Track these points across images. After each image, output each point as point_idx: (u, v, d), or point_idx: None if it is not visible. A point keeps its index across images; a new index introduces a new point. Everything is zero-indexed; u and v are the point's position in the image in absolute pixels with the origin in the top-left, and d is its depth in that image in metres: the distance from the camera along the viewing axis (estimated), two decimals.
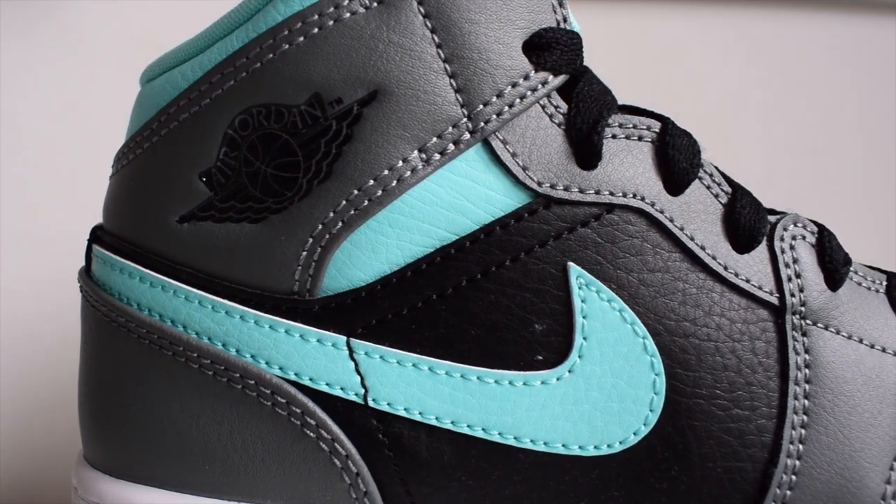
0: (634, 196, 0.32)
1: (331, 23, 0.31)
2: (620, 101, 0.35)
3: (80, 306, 0.35)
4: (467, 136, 0.31)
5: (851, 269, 0.35)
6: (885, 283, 0.35)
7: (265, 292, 0.32)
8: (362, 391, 0.32)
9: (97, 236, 0.34)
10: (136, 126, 0.33)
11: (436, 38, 0.31)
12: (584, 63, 0.34)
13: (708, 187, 0.33)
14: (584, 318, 0.31)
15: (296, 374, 0.32)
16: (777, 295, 0.33)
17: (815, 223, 0.35)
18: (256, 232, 0.32)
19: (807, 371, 0.33)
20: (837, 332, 0.33)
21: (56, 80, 0.53)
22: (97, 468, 0.34)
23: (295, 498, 0.32)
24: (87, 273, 0.35)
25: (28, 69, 0.52)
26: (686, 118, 0.36)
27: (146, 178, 0.33)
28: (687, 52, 0.60)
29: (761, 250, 0.33)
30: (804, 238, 0.34)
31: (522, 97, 0.32)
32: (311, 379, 0.32)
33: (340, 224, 0.31)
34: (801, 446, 0.32)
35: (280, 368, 0.32)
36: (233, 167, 0.32)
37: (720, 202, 0.33)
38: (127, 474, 0.33)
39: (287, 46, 0.31)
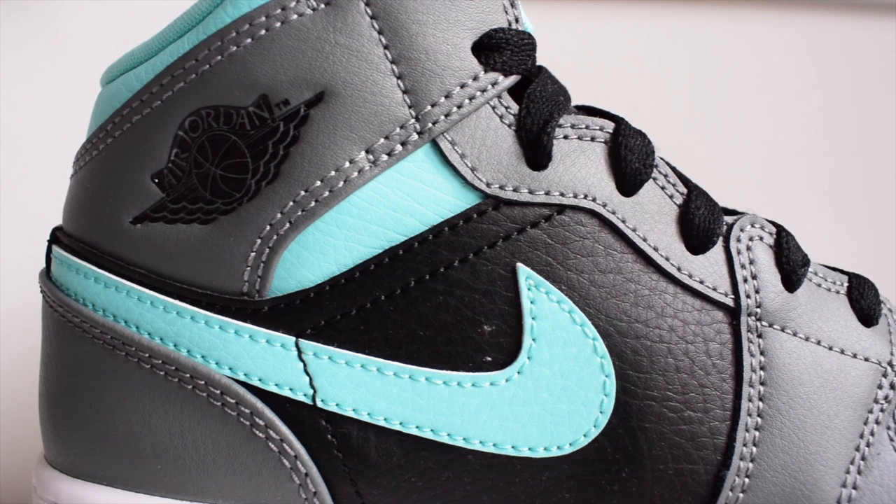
0: (586, 197, 0.32)
1: (278, 24, 0.31)
2: (583, 102, 0.35)
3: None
4: (415, 136, 0.31)
5: (810, 269, 0.34)
6: (845, 284, 0.35)
7: (215, 293, 0.32)
8: (311, 391, 0.32)
9: (56, 237, 0.35)
10: (94, 127, 0.34)
11: (383, 40, 0.31)
12: (539, 63, 0.33)
13: (662, 188, 0.33)
14: (533, 319, 0.31)
15: (245, 375, 0.32)
16: (732, 296, 0.33)
17: (774, 224, 0.34)
18: (206, 233, 0.32)
19: (761, 373, 0.32)
20: (794, 334, 0.33)
21: (27, 80, 0.53)
22: (55, 468, 0.34)
23: (246, 498, 0.32)
24: (46, 274, 0.35)
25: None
26: (653, 119, 0.36)
27: (101, 179, 0.33)
28: (652, 51, 0.60)
29: (717, 251, 0.33)
30: (761, 239, 0.34)
31: (471, 98, 0.31)
32: (260, 379, 0.32)
33: (288, 225, 0.31)
34: (754, 448, 0.32)
35: (230, 369, 0.32)
36: (183, 168, 0.32)
37: (675, 203, 0.33)
38: (83, 474, 0.34)
39: (235, 48, 0.31)
